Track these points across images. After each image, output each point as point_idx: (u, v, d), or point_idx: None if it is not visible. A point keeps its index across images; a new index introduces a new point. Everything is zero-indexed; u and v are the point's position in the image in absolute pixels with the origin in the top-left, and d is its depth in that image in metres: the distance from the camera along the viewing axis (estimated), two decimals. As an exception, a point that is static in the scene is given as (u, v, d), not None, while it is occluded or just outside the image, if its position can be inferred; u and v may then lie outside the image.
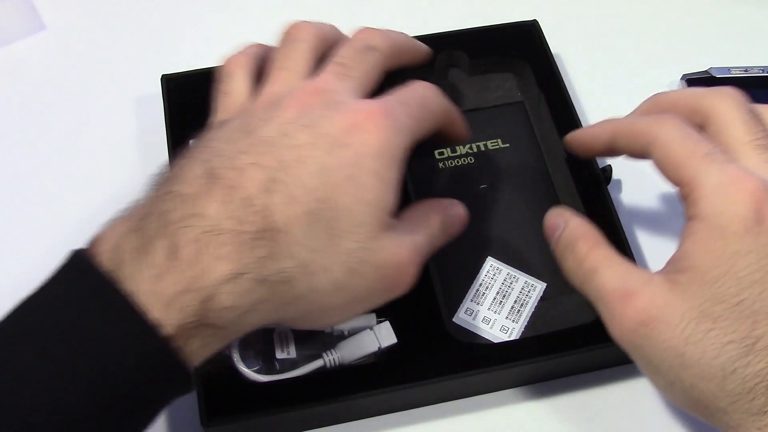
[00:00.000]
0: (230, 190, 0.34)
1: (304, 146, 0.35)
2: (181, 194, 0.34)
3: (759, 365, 0.34)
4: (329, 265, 0.35)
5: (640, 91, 0.57)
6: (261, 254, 0.33)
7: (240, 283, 0.33)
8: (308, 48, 0.41)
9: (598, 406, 0.45)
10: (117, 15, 0.60)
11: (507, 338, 0.44)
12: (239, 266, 0.33)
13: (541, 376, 0.45)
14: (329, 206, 0.35)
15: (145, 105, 0.55)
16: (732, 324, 0.35)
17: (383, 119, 0.36)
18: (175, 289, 0.32)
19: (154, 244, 0.32)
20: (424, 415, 0.44)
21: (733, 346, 0.35)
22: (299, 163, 0.35)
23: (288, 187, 0.34)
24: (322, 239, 0.35)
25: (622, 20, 0.61)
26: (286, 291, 0.34)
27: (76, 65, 0.57)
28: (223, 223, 0.33)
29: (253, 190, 0.34)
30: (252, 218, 0.33)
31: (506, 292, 0.45)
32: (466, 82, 0.53)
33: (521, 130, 0.52)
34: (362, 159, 0.36)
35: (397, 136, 0.37)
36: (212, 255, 0.32)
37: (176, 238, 0.32)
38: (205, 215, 0.33)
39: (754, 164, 0.37)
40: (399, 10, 0.61)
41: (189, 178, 0.34)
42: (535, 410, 0.45)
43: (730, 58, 0.57)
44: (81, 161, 0.53)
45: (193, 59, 0.53)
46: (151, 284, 0.32)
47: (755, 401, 0.34)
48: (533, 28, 0.54)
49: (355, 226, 0.35)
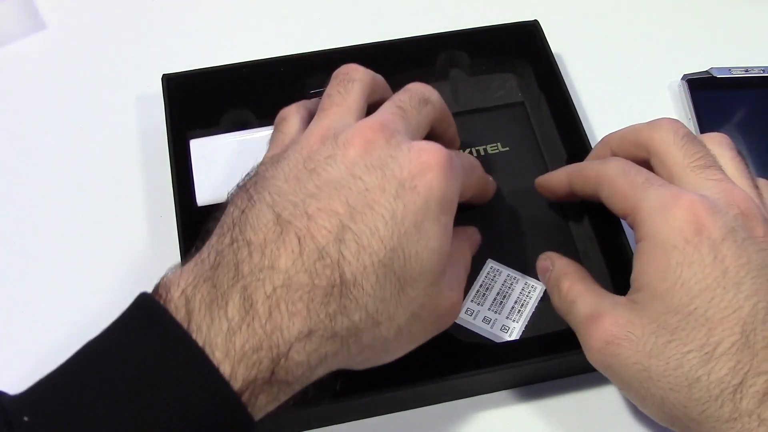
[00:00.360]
0: (302, 240, 0.33)
1: (372, 190, 0.35)
2: (252, 243, 0.33)
3: (721, 371, 0.35)
4: (394, 314, 0.35)
5: (640, 91, 0.57)
6: (332, 310, 0.33)
7: (312, 341, 0.32)
8: (361, 87, 0.41)
9: (599, 407, 0.45)
10: (117, 14, 0.60)
11: (508, 337, 0.44)
12: (311, 323, 0.32)
13: (542, 376, 0.45)
14: (399, 255, 0.34)
15: (145, 104, 0.55)
16: (689, 333, 0.36)
17: (447, 162, 0.36)
18: (249, 345, 0.31)
19: (226, 297, 0.32)
20: (424, 415, 0.44)
21: (694, 354, 0.35)
22: (369, 210, 0.34)
23: (359, 236, 0.34)
24: (391, 289, 0.34)
25: (623, 20, 0.61)
26: (354, 342, 0.34)
27: (77, 65, 0.57)
28: (295, 277, 0.32)
29: (325, 240, 0.33)
30: (324, 272, 0.33)
31: (506, 293, 0.46)
32: (466, 82, 0.53)
33: (522, 130, 0.52)
34: (428, 205, 0.35)
35: (455, 181, 0.37)
36: (286, 312, 0.32)
37: (249, 292, 0.32)
38: (277, 268, 0.32)
39: (693, 184, 0.39)
40: (400, 11, 0.61)
41: (258, 224, 0.34)
42: (535, 410, 0.45)
43: (730, 58, 0.57)
44: (81, 160, 0.53)
45: (193, 59, 0.53)
46: (224, 339, 0.31)
47: (723, 408, 0.35)
48: (534, 28, 0.54)
49: (421, 274, 0.35)
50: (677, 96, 0.57)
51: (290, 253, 0.33)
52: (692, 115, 0.54)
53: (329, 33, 0.57)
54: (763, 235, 0.37)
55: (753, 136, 0.54)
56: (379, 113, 0.39)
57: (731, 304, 0.35)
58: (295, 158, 0.37)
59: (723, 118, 0.54)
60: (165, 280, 0.34)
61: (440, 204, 0.36)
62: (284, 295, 0.32)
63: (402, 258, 0.34)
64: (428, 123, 0.41)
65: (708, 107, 0.54)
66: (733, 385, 0.35)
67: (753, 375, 0.35)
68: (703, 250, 0.36)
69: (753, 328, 0.35)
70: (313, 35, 0.58)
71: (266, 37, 0.59)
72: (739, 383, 0.35)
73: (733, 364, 0.35)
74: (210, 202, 0.46)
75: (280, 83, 0.52)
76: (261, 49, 0.53)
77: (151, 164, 0.53)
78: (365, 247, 0.34)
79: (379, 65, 0.52)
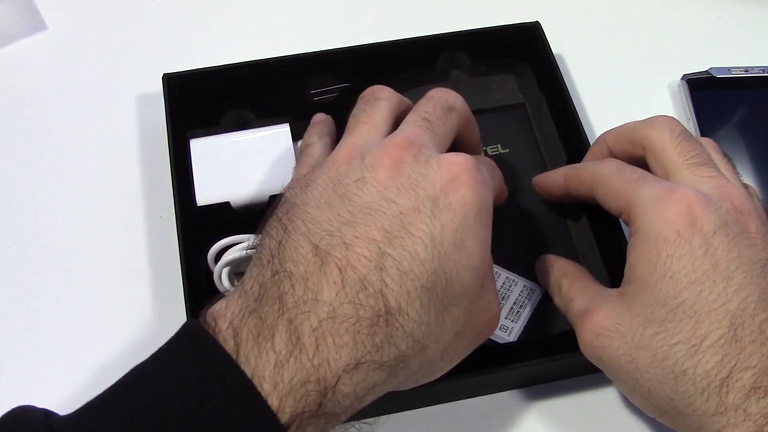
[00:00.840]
0: (343, 271, 0.33)
1: (407, 213, 0.34)
2: (294, 275, 0.33)
3: (708, 365, 0.35)
4: (440, 336, 0.35)
5: (641, 91, 0.57)
6: (379, 340, 0.32)
7: (359, 372, 0.32)
8: (388, 105, 0.40)
9: (597, 409, 0.45)
10: (118, 14, 0.60)
11: (506, 338, 0.44)
12: (358, 355, 0.32)
13: (540, 378, 0.45)
14: (440, 277, 0.34)
15: (146, 104, 0.55)
16: (676, 325, 0.36)
17: (476, 172, 0.36)
18: (297, 378, 0.31)
19: (273, 330, 0.32)
20: (423, 416, 0.44)
21: (680, 347, 0.36)
22: (406, 233, 0.34)
23: (399, 262, 0.33)
24: (435, 312, 0.34)
25: (623, 21, 0.61)
26: (402, 369, 0.34)
27: (78, 64, 0.57)
28: (340, 309, 0.32)
29: (366, 270, 0.33)
30: (368, 302, 0.32)
31: (505, 295, 0.46)
32: (467, 83, 0.53)
33: (522, 132, 0.52)
34: (465, 221, 0.35)
35: (487, 191, 0.36)
36: (332, 344, 0.32)
37: (295, 325, 0.32)
38: (321, 300, 0.32)
39: (688, 181, 0.39)
40: (401, 11, 0.61)
41: (297, 256, 0.33)
42: (534, 412, 0.45)
43: (730, 58, 0.57)
44: (82, 160, 0.53)
45: (193, 58, 0.53)
46: (272, 371, 0.31)
47: (710, 402, 0.35)
48: (535, 29, 0.54)
49: (462, 293, 0.35)
50: (677, 96, 0.57)
51: (333, 285, 0.32)
52: (692, 115, 0.54)
53: (330, 33, 0.57)
54: (756, 231, 0.37)
55: (753, 136, 0.54)
56: (404, 128, 0.38)
57: (720, 297, 0.35)
58: (324, 182, 0.36)
59: (723, 118, 0.54)
60: (211, 310, 0.33)
61: (477, 218, 0.35)
62: (330, 328, 0.32)
63: (444, 280, 0.34)
64: (455, 131, 0.41)
65: (708, 107, 0.54)
66: (720, 379, 0.35)
67: (740, 369, 0.35)
68: (694, 242, 0.36)
69: (741, 321, 0.35)
70: (313, 35, 0.58)
71: (266, 37, 0.59)
72: (725, 377, 0.35)
73: (720, 358, 0.35)
74: (209, 201, 0.46)
75: (280, 83, 0.52)
76: (261, 49, 0.53)
77: (151, 164, 0.53)
78: (407, 273, 0.33)
79: (379, 66, 0.52)
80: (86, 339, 0.46)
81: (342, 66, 0.52)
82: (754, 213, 0.38)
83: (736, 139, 0.53)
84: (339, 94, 0.52)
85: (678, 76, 0.56)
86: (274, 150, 0.48)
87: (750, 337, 0.35)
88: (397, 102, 0.41)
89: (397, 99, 0.41)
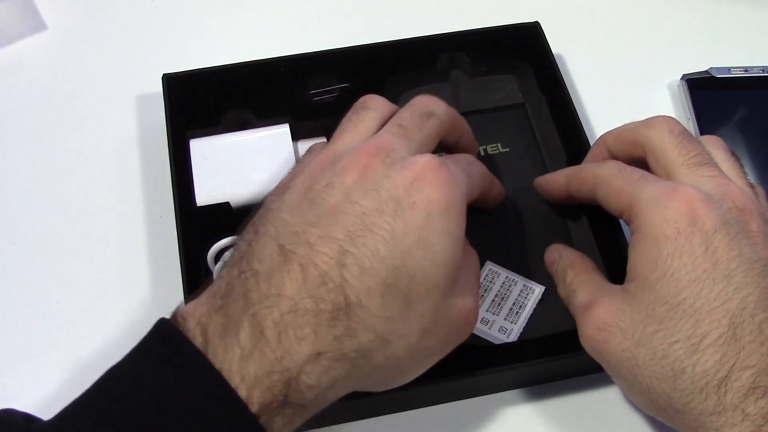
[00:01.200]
0: (304, 267, 0.34)
1: (370, 213, 0.35)
2: (259, 273, 0.34)
3: (707, 364, 0.35)
4: (405, 332, 0.35)
5: (641, 91, 0.57)
6: (339, 332, 0.33)
7: (321, 363, 0.33)
8: (376, 115, 0.41)
9: (597, 409, 0.45)
10: (118, 14, 0.60)
11: (506, 339, 0.44)
12: (319, 346, 0.33)
13: (540, 378, 0.45)
14: (402, 273, 0.34)
15: (146, 104, 0.55)
16: (676, 324, 0.36)
17: (443, 171, 0.36)
18: (262, 370, 0.32)
19: (238, 326, 0.33)
20: (421, 416, 0.44)
21: (680, 345, 0.36)
22: (368, 232, 0.34)
23: (360, 259, 0.34)
24: (398, 307, 0.35)
25: (623, 21, 0.61)
26: (365, 364, 0.35)
27: (77, 64, 0.57)
28: (301, 303, 0.33)
29: (327, 266, 0.34)
30: (329, 296, 0.33)
31: (505, 295, 0.46)
32: (467, 83, 0.53)
33: (522, 132, 0.52)
34: (430, 219, 0.35)
35: (457, 188, 0.37)
36: (294, 336, 0.33)
37: (258, 319, 0.33)
38: (284, 295, 0.33)
39: (689, 180, 0.39)
40: (401, 11, 0.61)
41: (264, 255, 0.35)
42: (533, 412, 0.45)
43: (730, 58, 0.57)
44: (82, 160, 0.53)
45: (194, 58, 0.53)
46: (238, 365, 0.32)
47: (708, 401, 0.35)
48: (535, 29, 0.54)
49: (429, 290, 0.35)
50: (677, 96, 0.57)
51: (294, 281, 0.33)
52: (692, 115, 0.54)
53: (330, 33, 0.57)
54: (757, 230, 0.37)
55: (752, 136, 0.54)
56: (377, 135, 0.39)
57: (720, 296, 0.36)
58: (298, 188, 0.37)
59: (722, 118, 0.54)
60: (181, 310, 0.34)
61: (444, 215, 0.36)
62: (292, 321, 0.33)
63: (407, 276, 0.34)
64: (435, 136, 0.41)
65: (707, 107, 0.54)
66: (718, 378, 0.35)
67: (738, 369, 0.35)
68: (694, 241, 0.36)
69: (741, 321, 0.35)
70: (313, 35, 0.58)
71: (266, 37, 0.59)
72: (724, 376, 0.35)
73: (719, 357, 0.35)
74: (209, 202, 0.46)
75: (280, 83, 0.52)
76: (261, 49, 0.53)
77: (151, 164, 0.53)
78: (367, 269, 0.34)
79: (379, 66, 0.52)
80: (86, 339, 0.46)
81: (342, 66, 0.52)
82: (756, 212, 0.38)
83: (735, 139, 0.53)
84: (339, 95, 0.52)
85: (678, 76, 0.56)
86: (274, 150, 0.48)
87: (749, 337, 0.35)
88: (387, 112, 0.41)
89: (388, 109, 0.42)
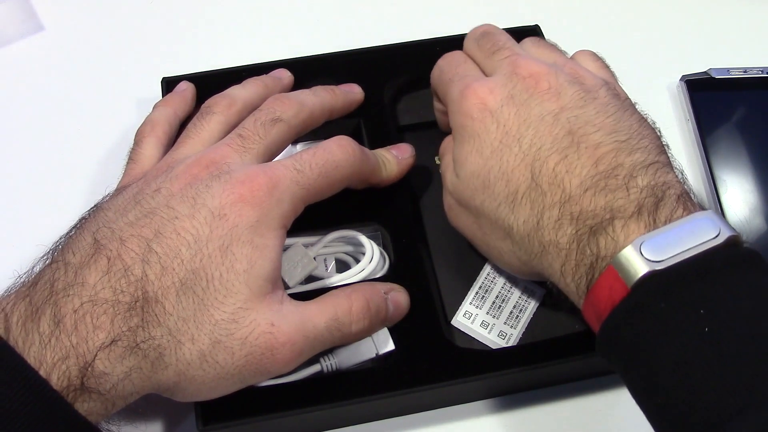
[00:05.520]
0: (111, 260, 0.36)
1: (181, 218, 0.37)
2: (68, 263, 0.36)
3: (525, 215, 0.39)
4: (196, 336, 0.36)
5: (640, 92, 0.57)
6: (134, 323, 0.35)
7: (114, 351, 0.35)
8: (219, 120, 0.44)
9: (597, 413, 0.45)
10: (116, 16, 0.60)
11: (505, 344, 0.44)
12: (113, 335, 0.35)
13: (539, 382, 0.45)
14: (200, 276, 0.36)
15: (145, 107, 0.55)
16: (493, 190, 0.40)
17: (263, 191, 0.38)
18: (58, 356, 0.34)
19: (39, 313, 0.35)
20: (421, 420, 0.44)
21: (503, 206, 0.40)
22: (175, 235, 0.37)
23: (162, 258, 0.36)
24: (192, 309, 0.36)
25: (622, 22, 0.61)
26: (157, 360, 0.36)
27: (75, 66, 0.57)
28: (101, 293, 0.35)
29: (131, 261, 0.36)
30: (128, 289, 0.35)
31: (505, 297, 0.46)
32: (465, 84, 0.53)
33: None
34: (236, 229, 0.37)
35: (276, 206, 0.39)
36: (91, 324, 0.35)
37: (59, 307, 0.35)
38: (86, 285, 0.35)
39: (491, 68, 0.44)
40: (400, 14, 0.61)
41: (78, 247, 0.37)
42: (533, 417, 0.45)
43: (730, 59, 0.57)
44: (80, 162, 0.53)
45: (193, 62, 0.53)
46: (37, 350, 0.34)
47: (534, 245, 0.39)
48: (534, 32, 0.54)
49: (225, 297, 0.37)
50: (676, 97, 0.57)
51: (98, 272, 0.36)
52: (691, 116, 0.54)
53: (329, 37, 0.57)
54: (548, 89, 0.41)
55: (752, 137, 0.54)
56: (215, 145, 0.41)
57: (517, 156, 0.40)
58: (131, 190, 0.40)
59: (722, 118, 0.54)
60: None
61: (253, 228, 0.38)
62: (90, 309, 0.35)
63: (205, 279, 0.37)
64: (281, 141, 0.43)
65: (707, 108, 0.54)
66: (533, 224, 0.39)
67: (547, 210, 0.38)
68: (486, 121, 0.41)
69: (539, 169, 0.39)
70: (312, 39, 0.58)
71: (265, 40, 0.59)
72: (537, 222, 0.38)
73: (530, 205, 0.39)
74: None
75: (278, 86, 0.52)
76: (260, 53, 0.53)
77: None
78: (167, 269, 0.36)
79: (379, 69, 0.52)
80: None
81: (341, 69, 0.52)
82: (552, 73, 0.41)
83: (735, 139, 0.53)
84: (338, 97, 0.52)
85: (677, 76, 0.56)
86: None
87: (548, 180, 0.38)
88: (234, 112, 0.44)
89: (235, 110, 0.44)
